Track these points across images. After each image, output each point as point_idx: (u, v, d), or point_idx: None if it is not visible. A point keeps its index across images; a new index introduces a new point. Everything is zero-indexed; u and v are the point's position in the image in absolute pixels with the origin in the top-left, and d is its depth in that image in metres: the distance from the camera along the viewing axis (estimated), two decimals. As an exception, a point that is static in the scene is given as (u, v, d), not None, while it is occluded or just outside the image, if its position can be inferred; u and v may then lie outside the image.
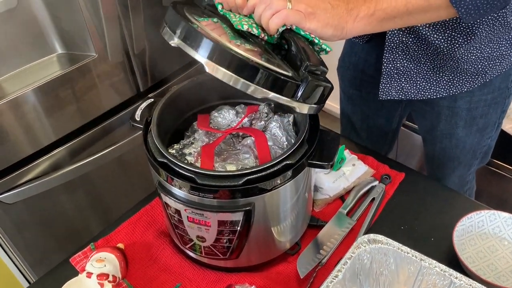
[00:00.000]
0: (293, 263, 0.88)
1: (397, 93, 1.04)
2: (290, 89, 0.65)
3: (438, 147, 1.16)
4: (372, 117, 1.26)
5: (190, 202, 0.74)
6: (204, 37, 0.65)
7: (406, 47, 0.96)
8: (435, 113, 1.09)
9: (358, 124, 1.30)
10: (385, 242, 0.77)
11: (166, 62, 1.44)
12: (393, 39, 0.95)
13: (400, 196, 1.00)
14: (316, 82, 0.67)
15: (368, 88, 1.19)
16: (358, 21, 0.74)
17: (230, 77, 0.64)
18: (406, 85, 1.02)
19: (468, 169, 1.21)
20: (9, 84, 1.14)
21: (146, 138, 0.81)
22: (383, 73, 1.02)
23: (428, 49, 0.94)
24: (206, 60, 0.65)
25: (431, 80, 1.01)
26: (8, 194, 1.20)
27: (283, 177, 0.74)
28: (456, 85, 1.00)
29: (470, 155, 1.16)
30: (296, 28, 0.73)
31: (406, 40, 0.94)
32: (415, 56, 0.97)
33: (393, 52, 0.97)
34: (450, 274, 0.73)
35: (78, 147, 1.32)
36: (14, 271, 1.43)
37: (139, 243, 0.94)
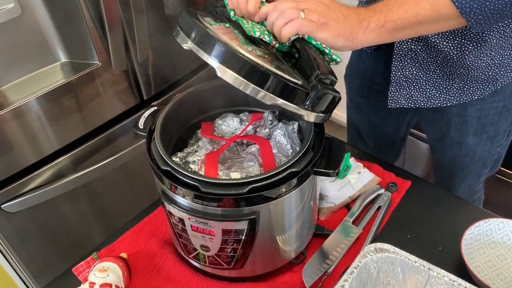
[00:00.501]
0: (298, 273, 0.86)
1: (407, 101, 1.03)
2: (299, 96, 0.66)
3: (447, 156, 1.14)
4: (380, 126, 1.25)
5: (194, 211, 0.73)
6: (217, 41, 0.65)
7: (415, 55, 0.95)
8: (444, 121, 1.08)
9: (365, 132, 1.29)
10: (392, 251, 0.76)
11: (169, 71, 1.44)
12: (401, 47, 0.95)
13: (406, 204, 0.99)
14: (325, 91, 0.67)
15: (376, 96, 1.18)
16: (369, 32, 0.74)
17: (240, 82, 0.64)
18: (416, 93, 1.02)
19: (477, 178, 1.19)
20: (13, 92, 1.14)
21: (149, 146, 0.80)
22: (392, 81, 1.01)
23: (438, 57, 0.94)
24: (218, 64, 0.65)
25: (441, 88, 1.00)
26: (11, 203, 1.19)
27: (288, 185, 0.73)
28: (467, 93, 0.99)
29: (480, 163, 1.14)
30: (308, 37, 0.73)
31: (415, 48, 0.94)
32: (425, 63, 0.97)
33: (401, 60, 0.97)
34: (459, 284, 0.71)
35: (81, 156, 1.32)
36: (16, 281, 1.42)
37: (142, 252, 0.93)
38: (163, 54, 1.39)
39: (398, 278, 0.77)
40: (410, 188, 1.02)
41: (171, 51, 1.41)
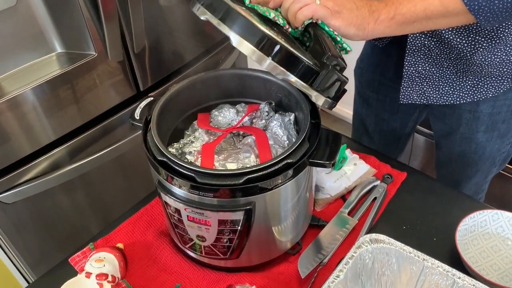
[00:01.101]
0: (294, 263, 0.87)
1: (419, 97, 1.03)
2: (310, 75, 0.67)
3: (456, 152, 1.13)
4: (387, 121, 1.25)
5: (190, 201, 0.73)
6: (236, 12, 0.67)
7: (428, 51, 0.95)
8: (455, 116, 1.07)
9: (372, 127, 1.29)
10: (387, 242, 0.76)
11: (166, 62, 1.43)
12: (415, 42, 0.94)
13: (402, 196, 1.00)
14: (335, 73, 0.69)
15: (386, 91, 1.17)
16: (379, 23, 0.77)
17: (256, 54, 0.65)
18: (429, 90, 1.01)
19: (485, 177, 1.18)
20: (8, 83, 1.13)
21: (145, 137, 0.80)
22: (404, 76, 1.01)
23: (451, 53, 0.93)
24: (235, 34, 0.67)
25: (455, 85, 0.99)
26: (7, 194, 1.19)
27: (284, 176, 0.73)
28: (481, 90, 0.99)
29: (489, 162, 1.13)
30: (321, 23, 0.75)
31: (428, 43, 0.94)
32: (438, 59, 0.96)
33: (414, 55, 0.97)
34: (453, 274, 0.72)
35: (77, 147, 1.32)
36: (13, 272, 1.42)
37: (138, 243, 0.93)
38: (160, 45, 1.38)
39: (393, 269, 0.77)
40: (405, 180, 1.02)
41: (167, 42, 1.41)
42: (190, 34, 1.47)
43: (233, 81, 0.92)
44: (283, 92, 0.88)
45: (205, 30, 1.54)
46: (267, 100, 0.91)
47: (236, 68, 1.00)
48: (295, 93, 0.84)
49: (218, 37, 1.59)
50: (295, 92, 0.84)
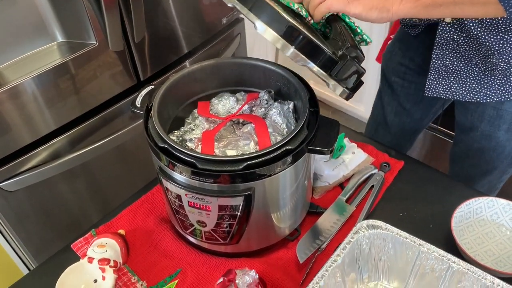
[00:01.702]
0: (292, 249, 0.89)
1: (445, 91, 1.02)
2: (329, 64, 0.69)
3: (475, 148, 1.12)
4: (408, 111, 1.24)
5: (191, 187, 0.74)
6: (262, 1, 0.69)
7: (457, 45, 0.95)
8: (478, 112, 1.05)
9: (391, 117, 1.28)
10: (384, 228, 0.78)
11: (166, 52, 1.44)
12: (443, 35, 0.94)
13: (399, 184, 1.01)
14: (354, 64, 0.70)
15: (412, 77, 1.16)
16: (404, 4, 0.77)
17: (278, 40, 0.67)
18: (455, 85, 1.01)
19: (500, 176, 1.17)
20: (10, 72, 1.14)
21: (146, 124, 0.81)
22: (431, 68, 1.00)
23: (480, 50, 0.92)
24: (260, 22, 0.68)
25: (482, 83, 0.98)
26: (9, 182, 1.20)
27: (283, 162, 0.75)
28: (509, 90, 0.97)
29: (507, 161, 1.12)
30: (342, 15, 0.77)
31: (457, 38, 0.93)
32: (466, 55, 0.95)
33: (442, 48, 0.96)
34: (448, 258, 0.73)
35: (78, 136, 1.33)
36: (15, 260, 1.44)
37: (140, 229, 0.94)
38: (160, 35, 1.39)
39: (389, 254, 0.79)
40: (402, 168, 1.04)
41: (168, 33, 1.41)
42: (190, 24, 1.48)
43: (233, 70, 0.93)
44: (282, 80, 0.89)
45: (205, 20, 1.54)
46: (266, 89, 0.92)
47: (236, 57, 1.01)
48: (294, 81, 0.85)
49: (218, 28, 1.60)
50: (294, 80, 0.85)
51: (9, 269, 1.45)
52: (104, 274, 0.82)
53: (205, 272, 0.86)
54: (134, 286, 0.85)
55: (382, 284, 0.81)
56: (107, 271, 0.82)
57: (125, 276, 0.87)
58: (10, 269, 1.45)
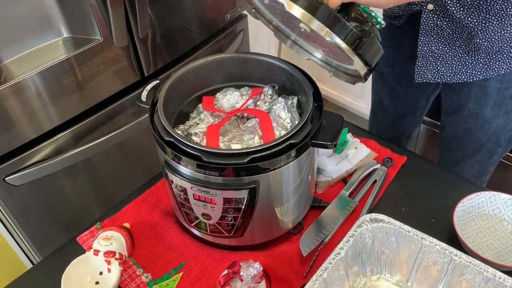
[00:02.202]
0: (296, 243, 0.89)
1: (433, 76, 1.06)
2: (353, 38, 0.69)
3: (462, 128, 1.16)
4: (402, 94, 1.29)
5: (196, 180, 0.75)
6: None
7: (441, 30, 0.98)
8: (464, 91, 1.10)
9: (387, 100, 1.33)
10: (386, 221, 0.79)
11: (170, 47, 1.45)
12: (427, 22, 0.97)
13: (401, 179, 1.02)
14: (376, 41, 0.71)
15: (401, 66, 1.20)
16: None
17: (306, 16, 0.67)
18: (442, 69, 1.04)
19: (489, 156, 1.20)
20: (15, 67, 1.15)
21: (152, 118, 0.82)
22: (419, 56, 1.03)
23: (463, 32, 0.96)
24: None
25: (467, 63, 1.02)
26: (14, 176, 1.21)
27: (287, 156, 0.75)
28: (493, 68, 1.01)
29: (494, 138, 1.15)
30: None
31: (440, 23, 0.96)
32: (450, 39, 0.99)
33: (428, 35, 0.99)
34: (450, 252, 0.74)
35: (81, 132, 1.34)
36: (19, 254, 1.45)
37: (144, 223, 0.95)
38: (164, 31, 1.39)
39: (392, 247, 0.80)
40: (405, 163, 1.05)
41: (172, 28, 1.42)
42: (194, 20, 1.49)
43: (237, 65, 0.93)
44: (286, 75, 0.90)
45: (209, 16, 1.55)
46: (270, 84, 0.92)
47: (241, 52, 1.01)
48: (298, 76, 0.86)
49: (221, 24, 1.61)
50: (298, 75, 0.86)
51: (14, 263, 1.46)
52: (110, 267, 0.83)
53: (209, 265, 0.87)
54: (139, 278, 0.86)
55: (384, 277, 0.82)
56: (112, 264, 0.83)
57: (130, 268, 0.88)
58: (15, 264, 1.47)
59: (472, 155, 1.20)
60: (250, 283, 0.75)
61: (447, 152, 1.26)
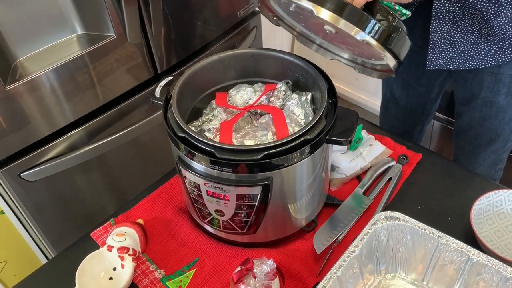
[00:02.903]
0: (309, 240, 0.89)
1: (445, 63, 1.05)
2: (383, 35, 0.70)
3: (477, 117, 1.15)
4: (413, 86, 1.27)
5: (210, 176, 0.75)
6: None
7: (453, 16, 0.97)
8: (477, 80, 1.08)
9: (398, 92, 1.32)
10: (402, 219, 0.78)
11: (183, 44, 1.45)
12: (440, 8, 0.96)
13: (417, 177, 1.00)
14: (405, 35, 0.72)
15: (411, 56, 1.17)
16: None
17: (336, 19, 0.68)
18: (454, 55, 1.03)
19: (504, 145, 1.19)
20: (30, 64, 1.16)
21: (166, 114, 0.82)
22: (430, 42, 1.02)
23: (475, 18, 0.94)
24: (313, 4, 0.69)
25: (479, 50, 1.01)
26: (29, 172, 1.22)
27: (301, 153, 0.75)
28: (505, 54, 1.00)
29: (509, 127, 1.14)
30: None
31: (453, 9, 0.95)
32: (462, 25, 0.98)
33: (440, 21, 0.98)
34: (467, 250, 0.73)
35: (95, 129, 1.34)
36: (34, 249, 1.47)
37: (158, 219, 0.95)
38: (177, 28, 1.40)
39: (407, 246, 0.78)
40: (421, 161, 1.03)
41: (185, 25, 1.42)
42: (207, 17, 1.48)
43: (250, 61, 0.93)
44: (300, 71, 0.89)
45: (222, 13, 1.54)
46: (284, 80, 0.92)
47: (254, 48, 1.01)
48: (312, 72, 0.85)
49: (234, 21, 1.60)
50: (313, 71, 0.85)
51: (29, 258, 1.48)
52: (123, 262, 0.83)
53: (222, 261, 0.87)
54: (153, 274, 0.86)
55: (399, 275, 0.81)
56: (126, 260, 0.84)
57: (143, 264, 0.88)
58: (30, 259, 1.48)
59: (488, 144, 1.18)
60: (264, 280, 0.75)
61: (462, 141, 1.25)
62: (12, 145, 1.18)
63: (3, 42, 1.11)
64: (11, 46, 1.13)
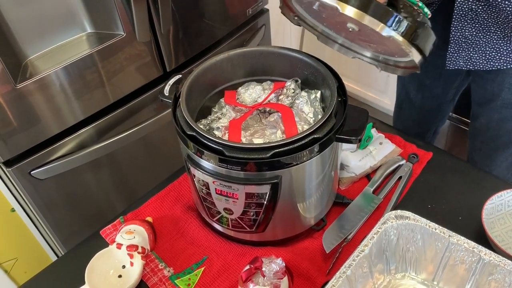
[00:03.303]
0: (318, 239, 0.88)
1: (465, 63, 1.03)
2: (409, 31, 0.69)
3: (495, 118, 1.13)
4: (429, 87, 1.25)
5: (218, 174, 0.75)
6: None
7: (475, 15, 0.95)
8: (498, 81, 1.06)
9: (413, 93, 1.30)
10: (412, 218, 0.77)
11: (192, 43, 1.45)
12: (462, 6, 0.94)
13: (427, 175, 0.99)
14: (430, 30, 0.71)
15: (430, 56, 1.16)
16: None
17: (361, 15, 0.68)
18: (475, 55, 1.01)
19: None
20: (40, 62, 1.17)
21: (175, 112, 0.82)
22: (451, 41, 1.01)
23: (499, 17, 0.93)
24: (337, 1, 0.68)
25: (502, 50, 0.99)
26: (39, 170, 1.23)
27: (310, 151, 0.74)
28: None
29: None
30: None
31: (475, 8, 0.93)
32: (485, 24, 0.96)
33: (461, 20, 0.97)
34: (479, 250, 0.72)
35: (104, 127, 1.35)
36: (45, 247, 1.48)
37: (167, 217, 0.96)
38: (186, 27, 1.40)
39: (417, 245, 0.78)
40: (431, 160, 1.02)
41: (193, 24, 1.42)
42: (216, 16, 1.48)
43: (259, 59, 0.92)
44: (309, 69, 0.88)
45: (230, 12, 1.54)
46: (293, 78, 0.91)
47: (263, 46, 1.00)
48: (322, 70, 0.85)
49: (243, 19, 1.60)
50: (322, 69, 0.85)
51: (39, 255, 1.49)
52: (132, 260, 0.84)
53: (231, 260, 0.87)
54: (162, 272, 0.86)
55: (409, 275, 0.80)
56: (135, 257, 0.84)
57: (152, 262, 0.88)
58: (40, 256, 1.49)
59: (506, 146, 1.16)
60: (272, 279, 0.75)
61: (479, 143, 1.22)
62: (23, 143, 1.18)
63: (14, 41, 1.12)
64: (22, 45, 1.14)
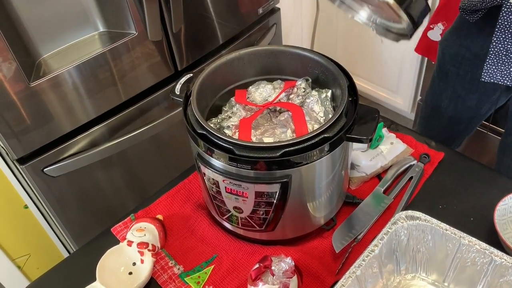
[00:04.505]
0: (328, 239, 0.88)
1: (503, 77, 0.99)
2: None
3: None
4: (463, 98, 1.20)
5: (228, 173, 0.75)
6: None
7: None
8: None
9: (445, 102, 1.24)
10: (423, 219, 0.76)
11: (203, 42, 1.45)
12: (507, 17, 0.91)
13: (439, 176, 0.98)
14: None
15: (468, 67, 1.12)
16: None
17: None
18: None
19: None
20: (53, 61, 1.18)
21: (186, 111, 0.83)
22: (490, 52, 0.97)
23: None
24: None
25: None
26: (51, 168, 1.25)
27: (320, 150, 0.74)
28: None
29: None
30: None
31: None
32: None
33: (505, 31, 0.93)
34: (491, 252, 0.71)
35: (116, 125, 1.36)
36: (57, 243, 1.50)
37: (177, 215, 0.96)
38: (197, 26, 1.40)
39: (428, 246, 0.77)
40: (442, 160, 1.01)
41: (204, 23, 1.42)
42: (227, 15, 1.49)
43: (270, 58, 0.92)
44: (320, 68, 0.88)
45: (241, 10, 1.54)
46: (304, 77, 0.91)
47: (273, 45, 1.00)
48: (332, 69, 0.84)
49: (254, 18, 1.60)
50: (333, 68, 0.84)
51: (51, 252, 1.51)
52: (143, 258, 0.84)
53: (240, 258, 0.87)
54: (171, 270, 0.87)
55: (420, 276, 0.79)
56: (145, 255, 0.84)
57: (162, 260, 0.89)
58: (52, 252, 1.51)
59: None
60: (282, 278, 0.75)
61: (509, 160, 1.17)
62: (36, 141, 1.20)
63: (28, 40, 1.14)
64: (36, 44, 1.15)
